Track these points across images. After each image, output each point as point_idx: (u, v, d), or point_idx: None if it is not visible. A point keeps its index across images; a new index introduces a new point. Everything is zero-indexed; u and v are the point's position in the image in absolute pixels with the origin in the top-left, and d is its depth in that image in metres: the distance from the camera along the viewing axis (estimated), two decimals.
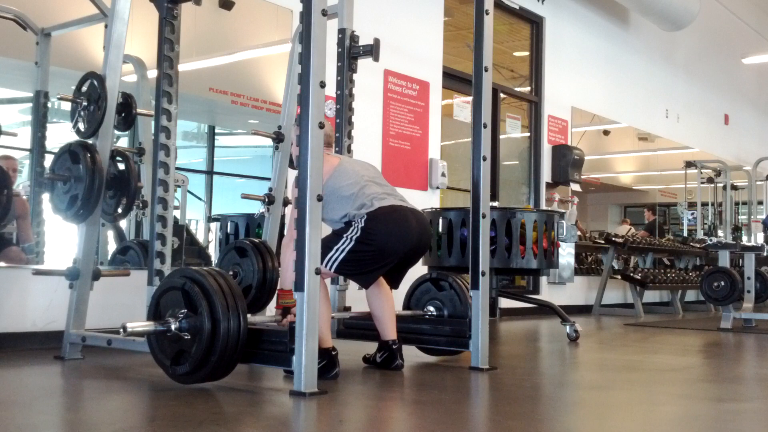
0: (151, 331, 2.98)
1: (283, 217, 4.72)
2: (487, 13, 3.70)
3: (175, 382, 3.00)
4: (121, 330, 2.92)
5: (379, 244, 3.43)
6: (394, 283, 3.70)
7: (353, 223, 3.45)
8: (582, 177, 8.67)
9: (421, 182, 6.61)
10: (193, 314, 2.92)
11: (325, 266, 3.38)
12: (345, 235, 3.43)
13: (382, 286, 3.64)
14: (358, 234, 3.41)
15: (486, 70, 3.69)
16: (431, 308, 4.13)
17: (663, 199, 11.81)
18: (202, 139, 5.76)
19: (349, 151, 4.38)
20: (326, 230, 3.27)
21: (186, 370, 2.93)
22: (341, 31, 4.33)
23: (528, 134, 8.45)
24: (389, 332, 3.63)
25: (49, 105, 4.54)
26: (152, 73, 4.33)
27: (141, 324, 3.00)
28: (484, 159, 3.66)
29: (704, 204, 11.11)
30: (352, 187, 3.49)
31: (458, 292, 4.05)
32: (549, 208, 7.63)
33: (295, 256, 2.89)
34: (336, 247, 3.42)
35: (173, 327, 2.94)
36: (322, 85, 2.94)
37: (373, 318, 3.66)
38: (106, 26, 3.90)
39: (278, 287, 3.66)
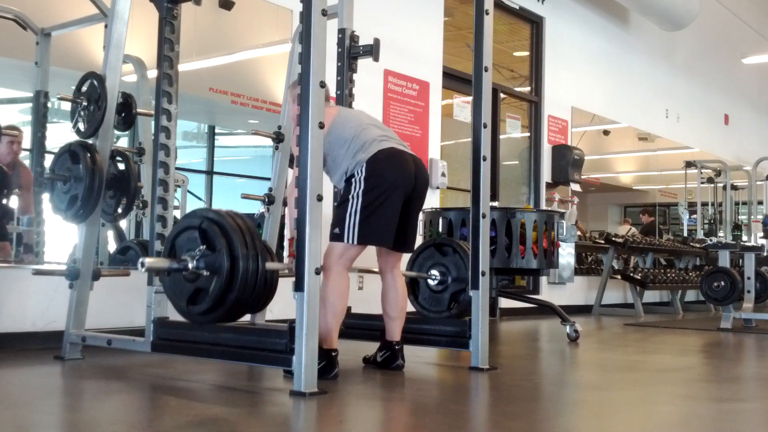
0: (170, 268, 2.95)
1: (283, 217, 4.72)
2: (487, 13, 3.70)
3: (192, 322, 2.97)
4: (139, 265, 2.91)
5: (384, 186, 3.38)
6: (405, 246, 3.59)
7: (353, 179, 3.39)
8: (582, 177, 8.66)
9: None
10: (211, 252, 2.88)
11: (349, 240, 3.33)
12: (350, 197, 3.37)
13: (400, 288, 3.61)
14: (362, 186, 3.36)
15: (486, 70, 3.69)
16: (435, 272, 4.17)
17: (663, 199, 11.81)
18: (202, 139, 5.77)
19: None
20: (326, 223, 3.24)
21: (203, 309, 2.90)
22: (341, 31, 4.33)
23: (528, 134, 8.45)
24: (396, 333, 3.62)
25: (49, 105, 4.54)
26: (152, 73, 4.33)
27: (159, 260, 2.98)
28: (484, 159, 3.66)
29: (704, 204, 11.11)
30: (353, 130, 3.46)
31: (462, 256, 4.08)
32: (549, 208, 7.63)
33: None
34: (348, 213, 3.35)
35: (191, 266, 2.92)
36: (322, 85, 2.94)
37: (384, 316, 3.63)
38: (106, 26, 3.90)
39: (288, 237, 3.63)
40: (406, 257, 3.74)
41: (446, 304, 4.29)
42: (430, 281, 4.28)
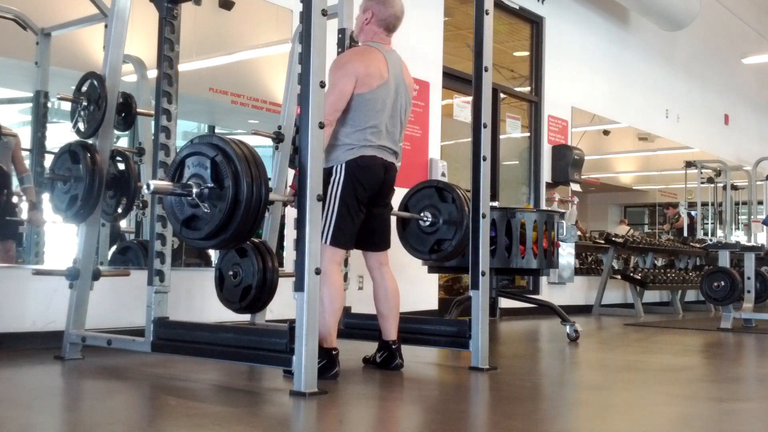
0: (174, 191, 2.96)
1: (283, 217, 4.72)
2: (487, 13, 3.71)
3: (190, 245, 3.01)
4: (146, 187, 2.92)
5: (356, 192, 3.43)
6: (377, 246, 3.63)
7: (331, 178, 3.41)
8: (582, 177, 8.66)
9: None
10: (216, 182, 2.90)
11: (324, 241, 3.34)
12: (327, 196, 3.38)
13: (389, 285, 3.62)
14: (339, 190, 3.40)
15: (486, 70, 3.69)
16: (428, 214, 4.18)
17: (663, 199, 11.81)
18: None
19: None
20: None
21: (200, 236, 2.94)
22: (341, 31, 4.33)
23: (528, 134, 8.45)
24: (392, 332, 3.63)
25: (49, 105, 4.54)
26: (152, 73, 4.33)
27: (165, 183, 3.00)
28: (484, 159, 3.66)
29: (704, 204, 11.11)
30: (368, 120, 3.46)
31: (458, 206, 4.10)
32: (549, 208, 7.63)
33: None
34: (325, 214, 3.38)
35: (195, 191, 2.93)
36: (322, 85, 2.94)
37: (378, 316, 3.64)
38: (106, 26, 3.90)
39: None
40: (394, 256, 3.76)
41: (429, 246, 4.27)
42: (420, 222, 4.27)
